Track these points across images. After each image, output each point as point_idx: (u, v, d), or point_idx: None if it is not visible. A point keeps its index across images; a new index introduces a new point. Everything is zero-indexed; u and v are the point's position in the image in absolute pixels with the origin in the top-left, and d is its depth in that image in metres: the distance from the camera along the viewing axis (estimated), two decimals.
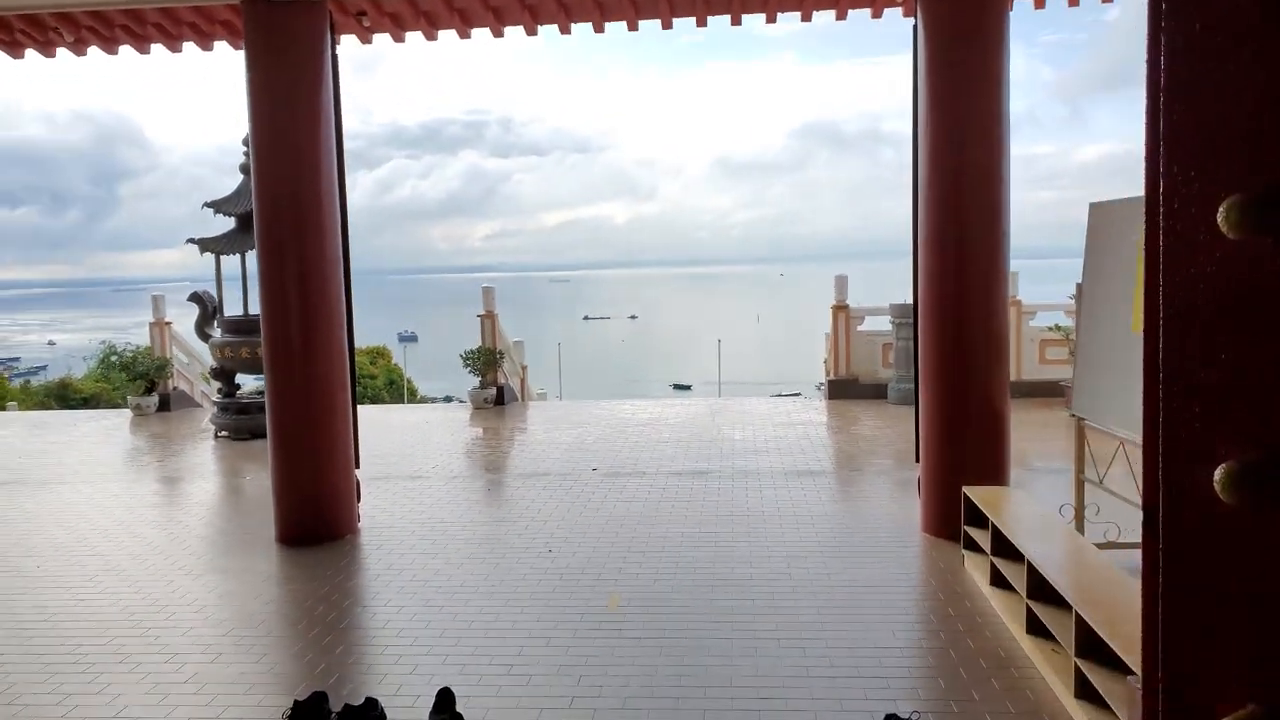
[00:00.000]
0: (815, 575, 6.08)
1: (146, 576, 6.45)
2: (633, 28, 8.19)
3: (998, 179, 6.50)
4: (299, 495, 7.12)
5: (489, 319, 13.89)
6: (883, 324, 13.74)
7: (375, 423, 12.83)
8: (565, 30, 8.21)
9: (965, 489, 6.15)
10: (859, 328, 13.84)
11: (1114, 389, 5.61)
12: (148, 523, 7.87)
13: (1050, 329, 12.39)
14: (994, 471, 6.67)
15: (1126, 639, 3.69)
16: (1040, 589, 4.72)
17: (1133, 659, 3.48)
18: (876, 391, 13.46)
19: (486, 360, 13.53)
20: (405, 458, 10.27)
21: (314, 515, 7.13)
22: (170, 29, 8.27)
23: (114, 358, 14.33)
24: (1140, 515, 1.12)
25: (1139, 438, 5.39)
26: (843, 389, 13.64)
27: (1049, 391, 12.47)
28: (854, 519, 7.37)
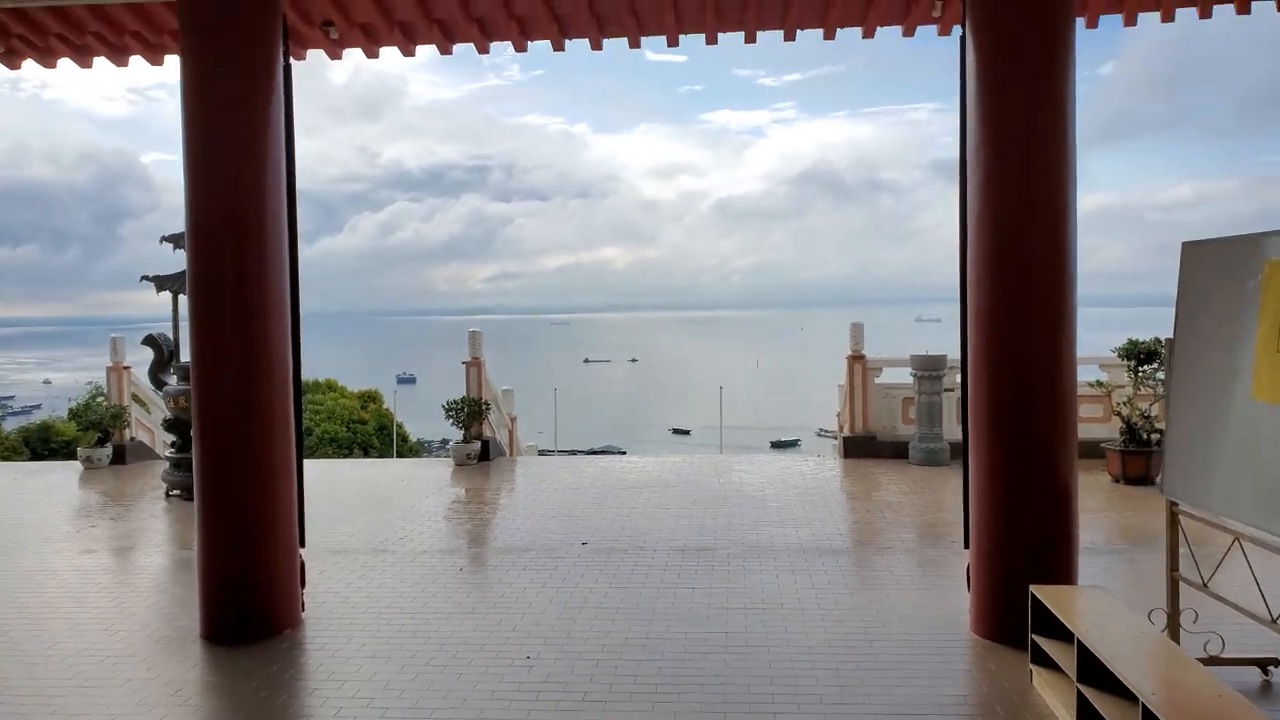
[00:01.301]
0: (851, 697, 4.92)
1: (29, 691, 5.28)
2: (634, 44, 7.22)
3: (1063, 210, 5.46)
4: (228, 582, 5.97)
5: (475, 366, 12.81)
6: (903, 376, 12.66)
7: (343, 481, 11.69)
8: (559, 46, 7.25)
9: (1034, 589, 5.02)
10: (876, 380, 12.75)
11: (1226, 470, 4.50)
12: (50, 608, 6.70)
13: (1092, 384, 11.30)
14: (1062, 564, 5.53)
15: None
16: None
17: None
18: (896, 450, 12.33)
19: (471, 411, 12.42)
20: (371, 525, 9.11)
21: (247, 606, 5.98)
22: (110, 37, 7.30)
23: (100, 399, 13.18)
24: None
25: (1259, 532, 4.27)
26: (859, 447, 12.51)
27: (1085, 453, 11.34)
28: (889, 614, 6.21)
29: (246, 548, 5.96)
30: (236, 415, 5.90)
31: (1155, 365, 10.46)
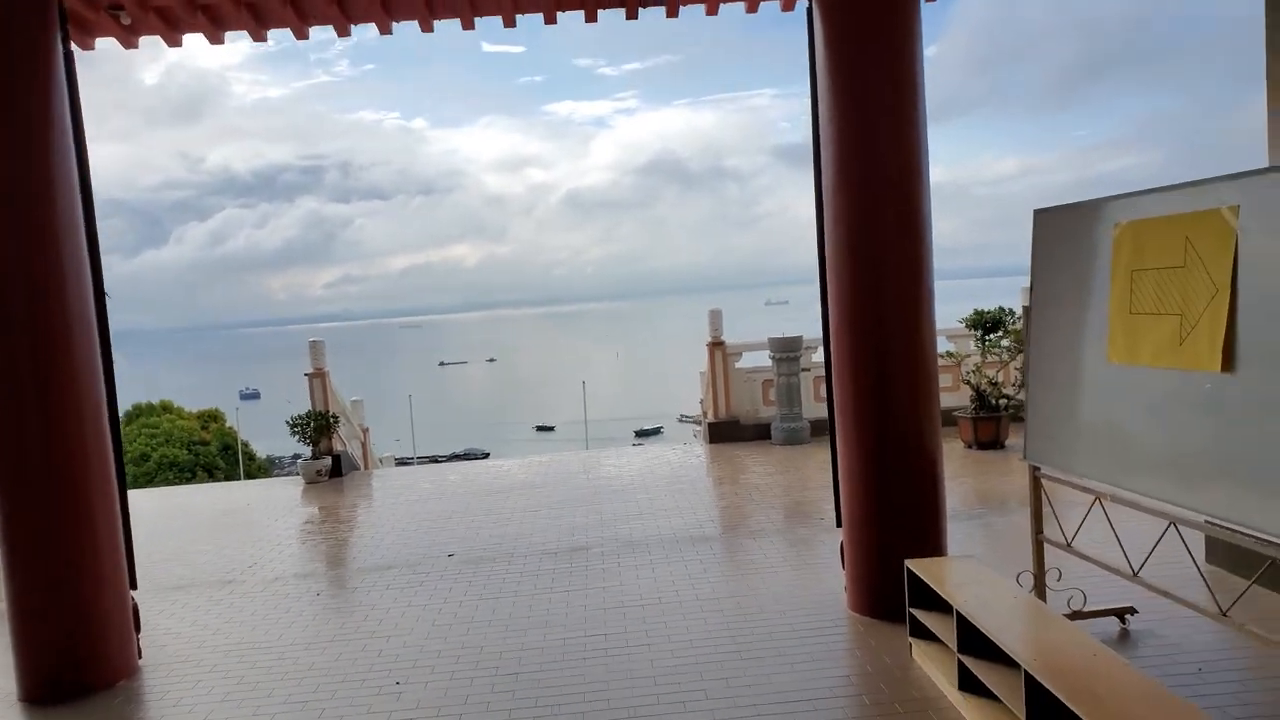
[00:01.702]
0: (736, 690, 4.79)
1: None
2: (468, 25, 6.86)
3: (918, 185, 5.49)
4: (46, 635, 5.30)
5: (318, 378, 12.11)
6: (761, 360, 12.79)
7: (183, 509, 10.82)
8: (385, 30, 6.81)
9: (909, 564, 5.03)
10: (737, 364, 12.83)
11: (1086, 433, 4.61)
12: None
13: (942, 355, 11.70)
14: (933, 535, 5.59)
15: None
16: (1040, 701, 3.59)
17: None
18: (759, 432, 12.45)
19: (318, 426, 11.73)
20: (215, 555, 8.41)
21: (70, 660, 5.32)
22: None
23: None
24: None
25: (1120, 490, 4.38)
26: (724, 431, 12.55)
27: None
28: (767, 599, 6.15)
29: (64, 595, 5.30)
30: (39, 449, 5.21)
31: (999, 334, 10.92)
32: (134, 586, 5.75)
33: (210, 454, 32.00)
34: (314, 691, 5.16)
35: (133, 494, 14.51)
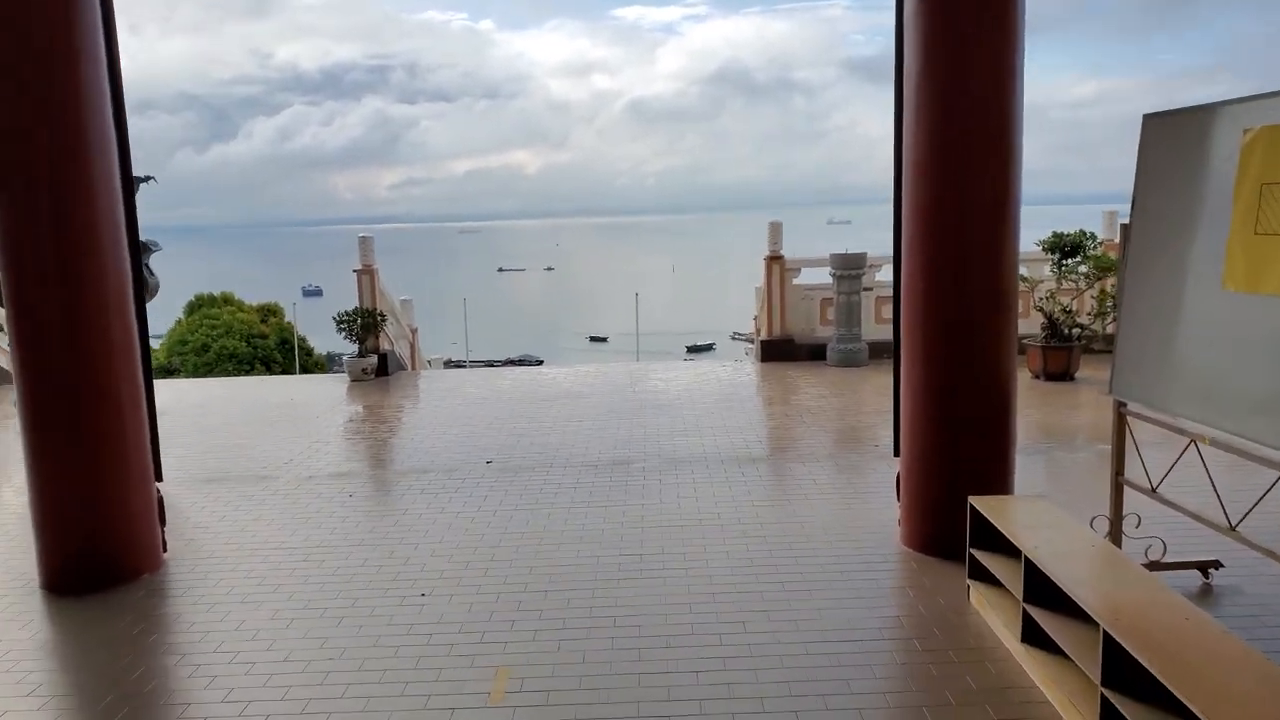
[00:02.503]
0: (778, 624, 4.48)
1: None
2: None
3: (1009, 95, 4.89)
4: (68, 523, 5.17)
5: (367, 274, 11.86)
6: (821, 277, 12.21)
7: (226, 401, 10.78)
8: None
9: (973, 500, 4.61)
10: (794, 281, 12.28)
11: (1186, 368, 4.09)
12: None
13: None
14: (999, 472, 5.16)
15: None
16: (1119, 666, 3.20)
17: None
18: (814, 353, 11.97)
19: (365, 323, 11.53)
20: (254, 450, 8.31)
21: (92, 550, 5.20)
22: None
23: None
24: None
25: (1223, 434, 3.89)
26: (777, 350, 12.09)
27: None
28: (814, 527, 5.80)
29: (86, 483, 5.16)
30: (64, 339, 5.00)
31: (1078, 259, 10.20)
32: (159, 478, 5.59)
33: (268, 347, 32.48)
34: (334, 597, 4.98)
35: (179, 382, 14.62)
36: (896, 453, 5.55)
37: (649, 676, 4.03)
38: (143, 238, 10.35)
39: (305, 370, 28.48)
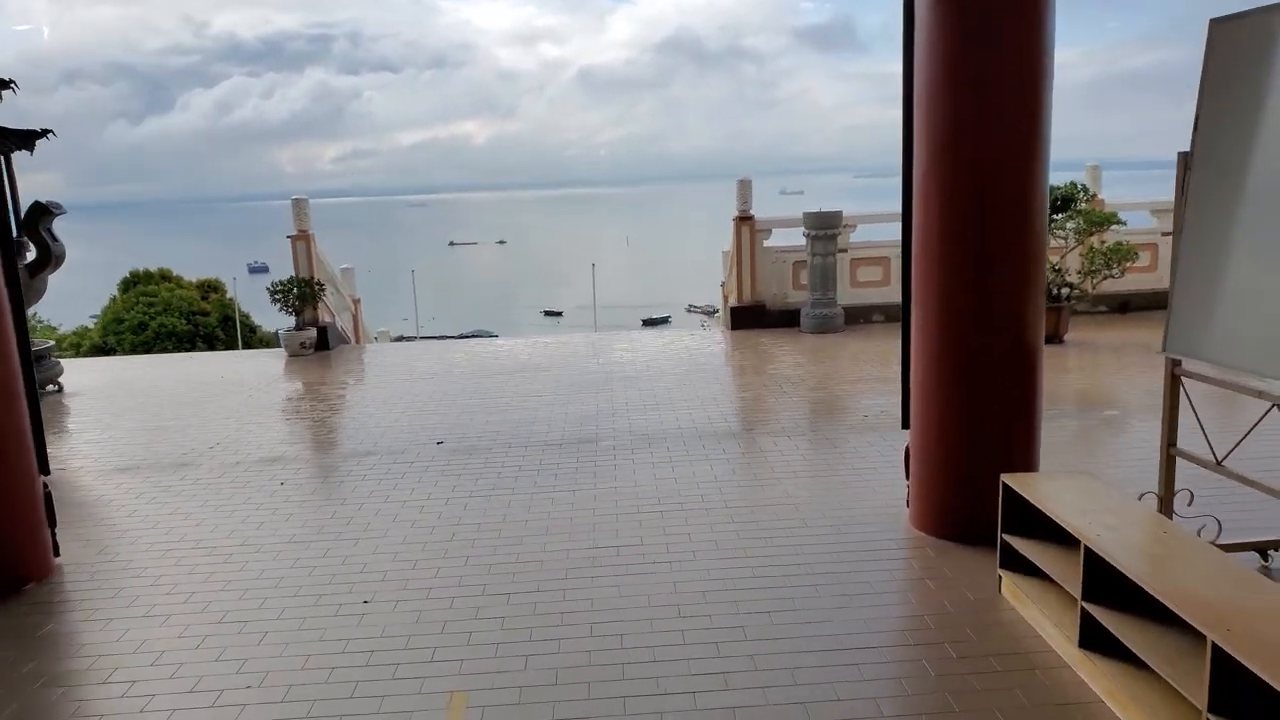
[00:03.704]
0: (782, 626, 3.81)
1: None
2: None
3: (1038, 31, 4.21)
4: None
5: (303, 240, 10.93)
6: (793, 239, 11.54)
7: (149, 380, 9.83)
8: None
9: (1006, 478, 3.97)
10: (765, 243, 11.58)
11: (1262, 319, 3.46)
12: None
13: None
14: (1024, 445, 4.52)
15: None
16: (1228, 687, 2.57)
17: None
18: (787, 318, 11.31)
19: (302, 293, 10.62)
20: (175, 433, 7.44)
21: None
22: None
23: None
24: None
25: None
26: (748, 317, 11.41)
27: None
28: (812, 510, 5.14)
29: None
30: None
31: (1067, 214, 9.64)
32: (44, 471, 4.74)
33: (210, 325, 31.06)
34: (257, 607, 4.20)
35: (105, 360, 13.58)
36: (905, 425, 4.89)
37: (637, 701, 3.33)
38: (45, 199, 9.35)
39: (250, 349, 27.28)
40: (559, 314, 68.62)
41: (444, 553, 4.73)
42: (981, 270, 4.38)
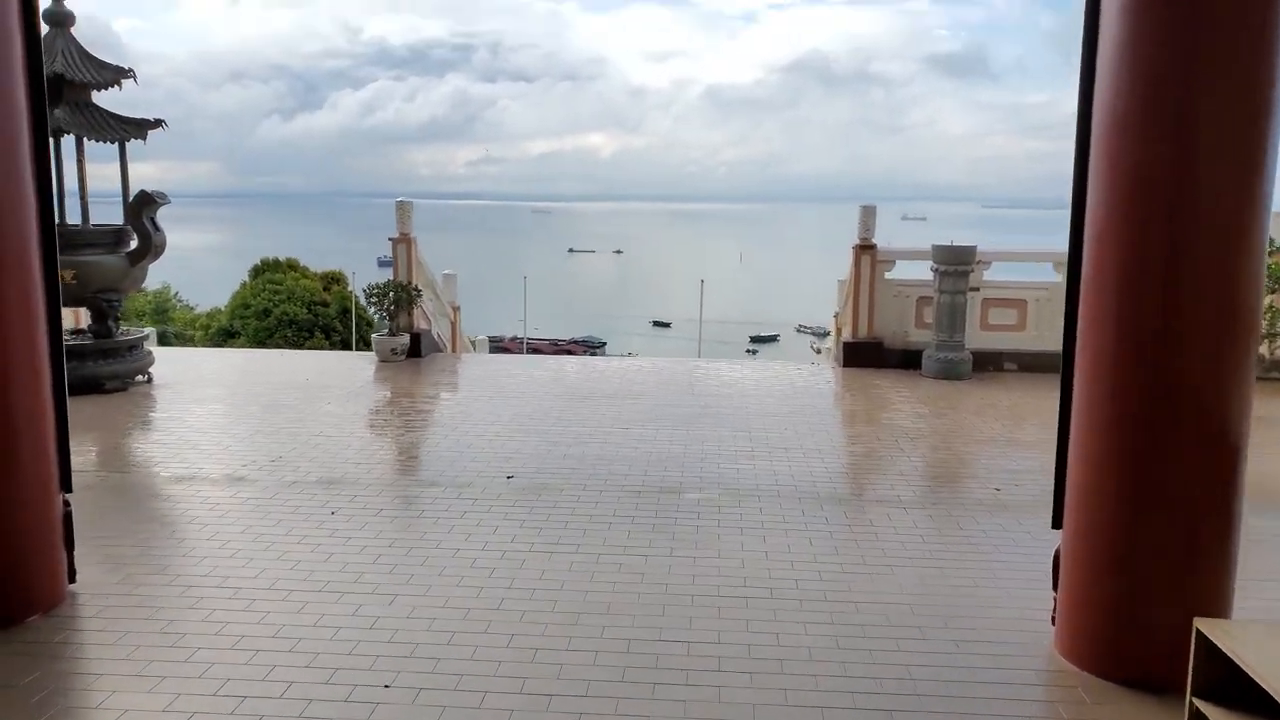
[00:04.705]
0: None
1: None
2: None
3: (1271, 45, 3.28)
4: None
5: (404, 243, 10.55)
6: (919, 272, 10.54)
7: (238, 376, 9.58)
8: None
9: (1200, 624, 3.02)
10: (887, 275, 10.61)
11: None
12: None
13: None
14: (1217, 573, 3.54)
15: None
16: None
17: None
18: (906, 359, 10.30)
19: (398, 298, 10.23)
20: (242, 440, 7.05)
21: None
22: None
23: None
24: None
25: None
26: (862, 354, 10.45)
27: None
28: (930, 614, 4.24)
29: None
30: None
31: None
32: (66, 488, 4.29)
33: (329, 316, 31.76)
34: (262, 679, 3.60)
35: (199, 352, 13.56)
36: (1056, 524, 3.96)
37: None
38: (150, 189, 9.22)
39: (365, 342, 27.65)
40: (667, 325, 68.17)
41: (486, 626, 4.05)
42: (1171, 345, 3.44)
